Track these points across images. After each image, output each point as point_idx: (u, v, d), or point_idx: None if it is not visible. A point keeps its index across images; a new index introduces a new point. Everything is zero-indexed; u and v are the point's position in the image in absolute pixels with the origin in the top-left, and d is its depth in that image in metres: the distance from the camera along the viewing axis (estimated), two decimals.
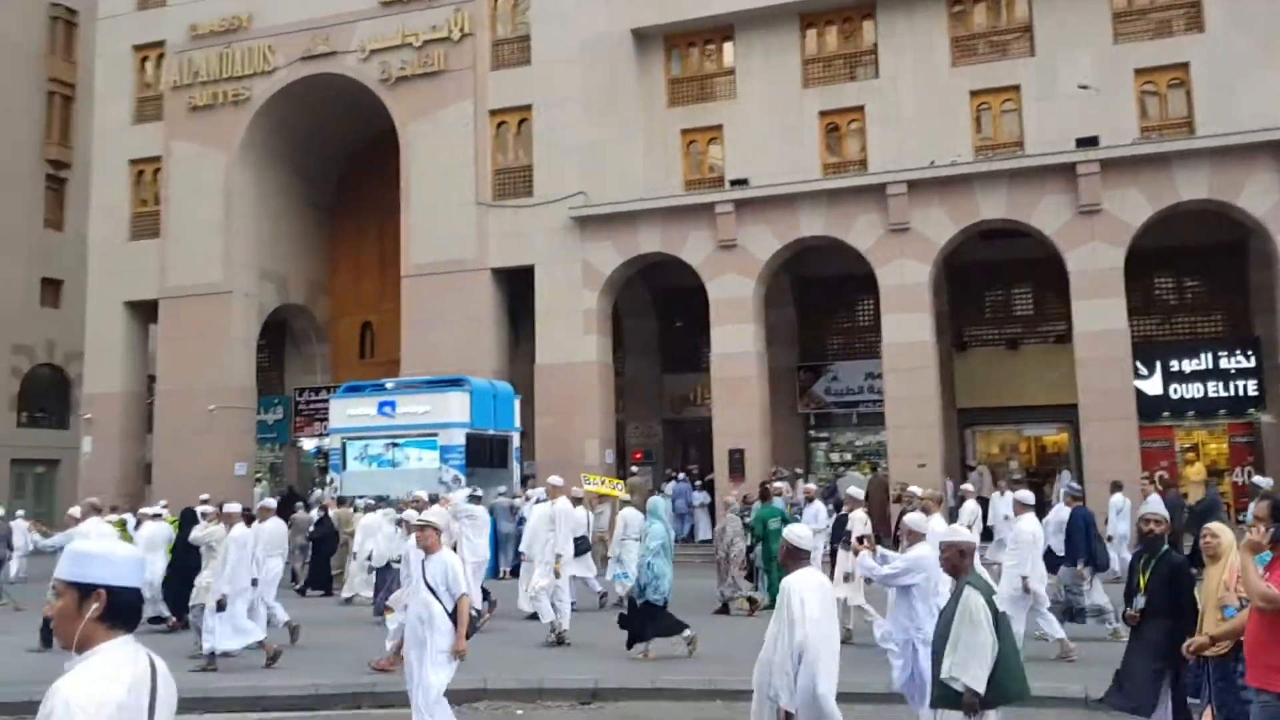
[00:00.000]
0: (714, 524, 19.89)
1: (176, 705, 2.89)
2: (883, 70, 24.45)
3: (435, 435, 21.32)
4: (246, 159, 27.94)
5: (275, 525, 14.06)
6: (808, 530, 6.25)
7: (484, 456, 21.91)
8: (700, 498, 24.96)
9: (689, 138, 25.92)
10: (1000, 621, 5.82)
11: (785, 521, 15.30)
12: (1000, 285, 25.92)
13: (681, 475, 25.47)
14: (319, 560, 20.00)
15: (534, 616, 13.69)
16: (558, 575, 13.43)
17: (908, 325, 21.87)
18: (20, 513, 20.26)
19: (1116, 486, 18.00)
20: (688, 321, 27.12)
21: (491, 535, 18.97)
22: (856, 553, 8.79)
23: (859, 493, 13.55)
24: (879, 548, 9.13)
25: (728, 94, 25.66)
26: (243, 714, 10.29)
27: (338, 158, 30.70)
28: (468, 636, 7.63)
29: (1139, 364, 22.12)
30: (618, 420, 26.31)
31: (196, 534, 13.67)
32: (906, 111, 24.01)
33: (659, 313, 28.53)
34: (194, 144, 28.01)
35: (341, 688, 10.62)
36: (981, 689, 5.66)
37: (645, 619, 11.67)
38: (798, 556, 5.99)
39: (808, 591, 5.72)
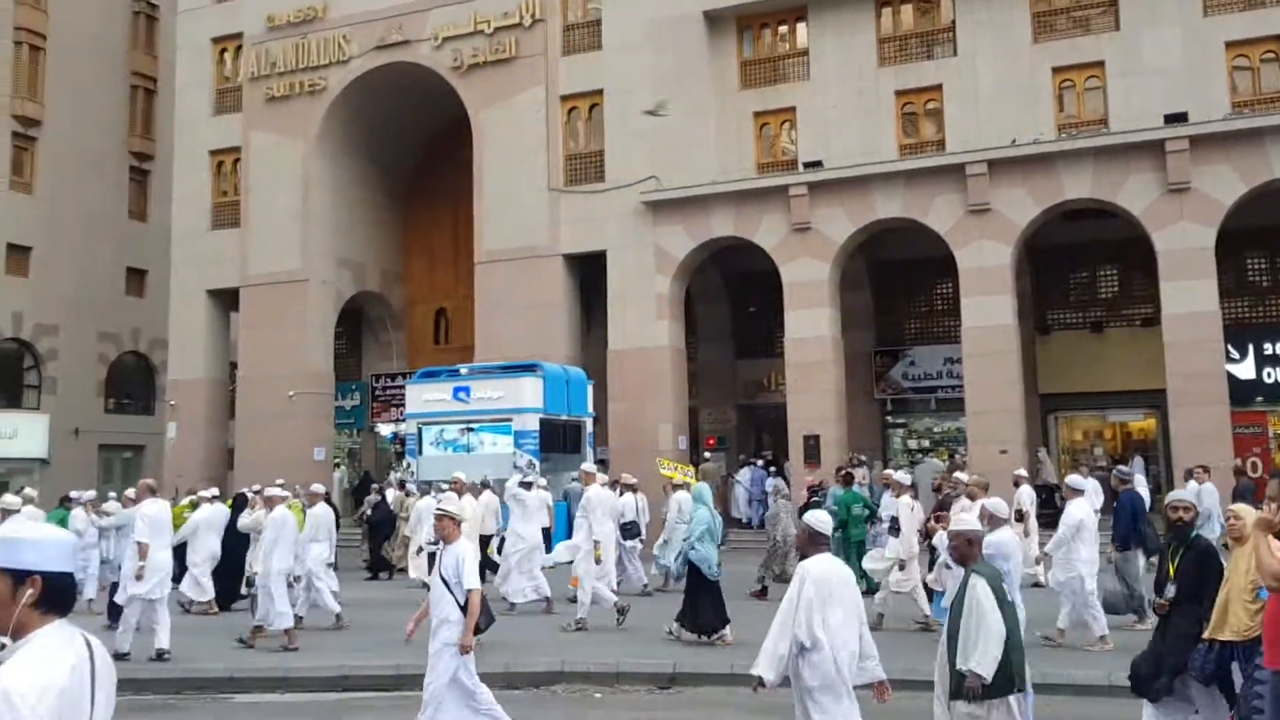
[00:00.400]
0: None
1: (116, 683, 2.82)
2: (961, 48, 23.91)
3: (509, 420, 21.42)
4: (323, 149, 28.29)
5: (322, 510, 14.36)
6: (828, 516, 6.21)
7: (558, 442, 21.97)
8: (774, 484, 24.71)
9: (761, 120, 25.63)
10: (1008, 609, 5.72)
11: (867, 507, 15.13)
12: (1084, 267, 25.25)
13: (760, 461, 25.20)
14: (374, 544, 20.25)
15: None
16: (598, 561, 13.39)
17: (988, 308, 21.37)
18: (112, 495, 20.74)
19: (1189, 475, 17.53)
20: (760, 306, 26.90)
21: (564, 520, 19.15)
22: (932, 534, 8.71)
23: (905, 478, 13.51)
24: None
25: (801, 75, 25.31)
26: (324, 693, 10.41)
27: (412, 146, 30.94)
28: (479, 632, 7.50)
29: (1230, 347, 21.38)
30: (691, 406, 26.19)
31: (243, 522, 13.99)
32: (985, 90, 23.47)
33: (731, 297, 28.32)
34: (272, 134, 28.44)
35: (421, 669, 10.64)
36: (986, 674, 5.56)
37: (708, 600, 11.62)
38: (817, 541, 5.92)
39: (819, 579, 5.65)
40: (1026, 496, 15.21)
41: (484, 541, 17.63)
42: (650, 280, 24.15)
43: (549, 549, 18.13)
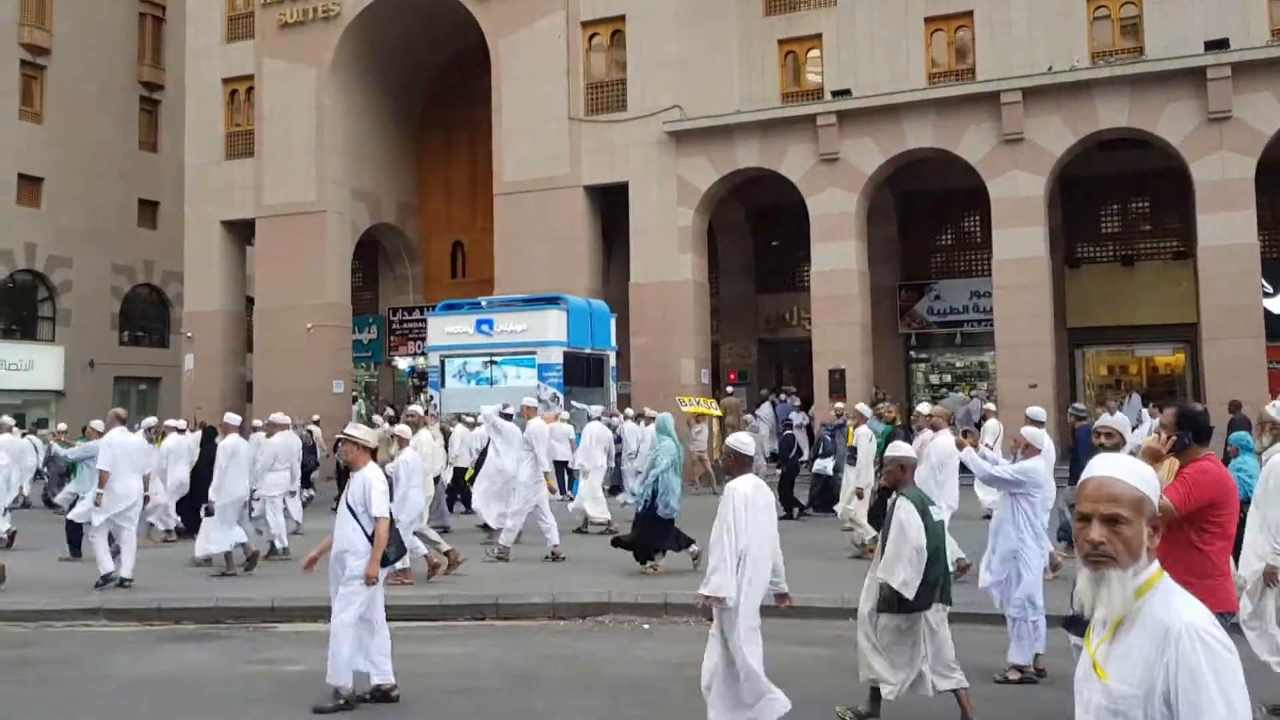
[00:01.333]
0: (811, 444, 19.62)
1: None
2: None
3: (533, 353, 21.23)
4: (337, 77, 27.72)
5: (281, 439, 14.27)
6: (750, 439, 6.41)
7: (580, 375, 21.81)
8: (799, 419, 24.52)
9: (787, 48, 25.08)
10: (934, 529, 6.15)
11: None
12: (1114, 199, 24.83)
13: (783, 396, 24.89)
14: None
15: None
16: (552, 491, 13.46)
17: (1020, 240, 21.01)
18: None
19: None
20: (783, 240, 26.54)
21: None
22: (961, 447, 8.93)
23: (865, 410, 14.04)
24: (985, 448, 9.18)
25: (828, 1, 24.68)
26: None
27: (427, 74, 30.34)
28: (387, 562, 7.29)
29: (1264, 281, 21.01)
30: (712, 340, 25.96)
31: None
32: (1018, 17, 22.89)
33: (753, 230, 27.93)
34: (285, 62, 27.86)
35: (464, 599, 10.61)
36: (903, 589, 6.02)
37: (654, 532, 11.58)
38: (742, 463, 6.14)
39: (750, 497, 5.89)
40: (990, 432, 15.44)
41: (458, 473, 17.49)
42: (673, 213, 23.77)
43: (569, 485, 18.09)
